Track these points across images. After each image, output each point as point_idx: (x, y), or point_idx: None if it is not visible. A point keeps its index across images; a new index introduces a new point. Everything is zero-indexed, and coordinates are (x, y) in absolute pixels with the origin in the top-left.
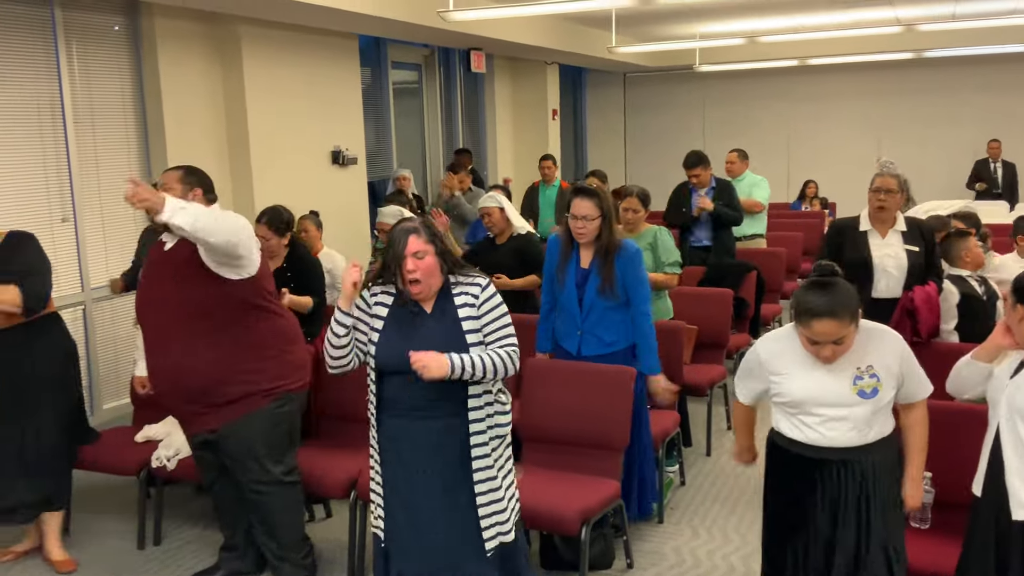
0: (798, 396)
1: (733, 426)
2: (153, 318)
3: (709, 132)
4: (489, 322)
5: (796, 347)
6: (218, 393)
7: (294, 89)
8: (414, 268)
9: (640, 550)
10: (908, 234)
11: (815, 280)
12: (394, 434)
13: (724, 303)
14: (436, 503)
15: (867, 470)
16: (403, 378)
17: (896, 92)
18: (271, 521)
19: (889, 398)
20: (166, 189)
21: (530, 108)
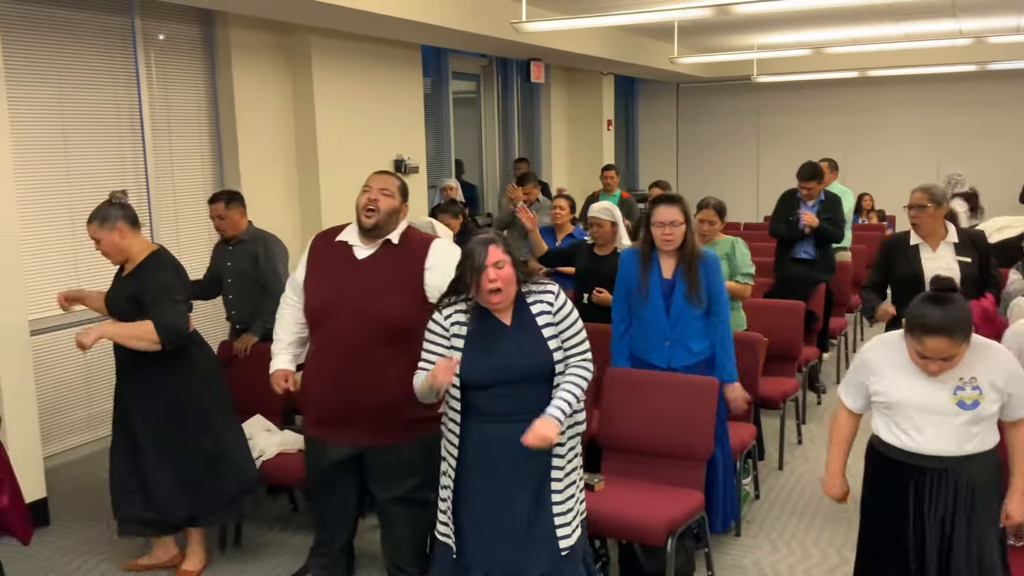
0: (895, 397)
1: (829, 437)
2: (338, 324)
3: (763, 143)
4: (566, 328)
5: (902, 352)
6: (394, 413)
7: (360, 99)
8: (496, 278)
9: (720, 563)
10: (960, 245)
11: (932, 295)
12: (480, 440)
13: (796, 315)
14: (515, 505)
15: (963, 482)
16: (489, 390)
17: (956, 104)
18: (402, 535)
19: (991, 412)
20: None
21: (585, 118)
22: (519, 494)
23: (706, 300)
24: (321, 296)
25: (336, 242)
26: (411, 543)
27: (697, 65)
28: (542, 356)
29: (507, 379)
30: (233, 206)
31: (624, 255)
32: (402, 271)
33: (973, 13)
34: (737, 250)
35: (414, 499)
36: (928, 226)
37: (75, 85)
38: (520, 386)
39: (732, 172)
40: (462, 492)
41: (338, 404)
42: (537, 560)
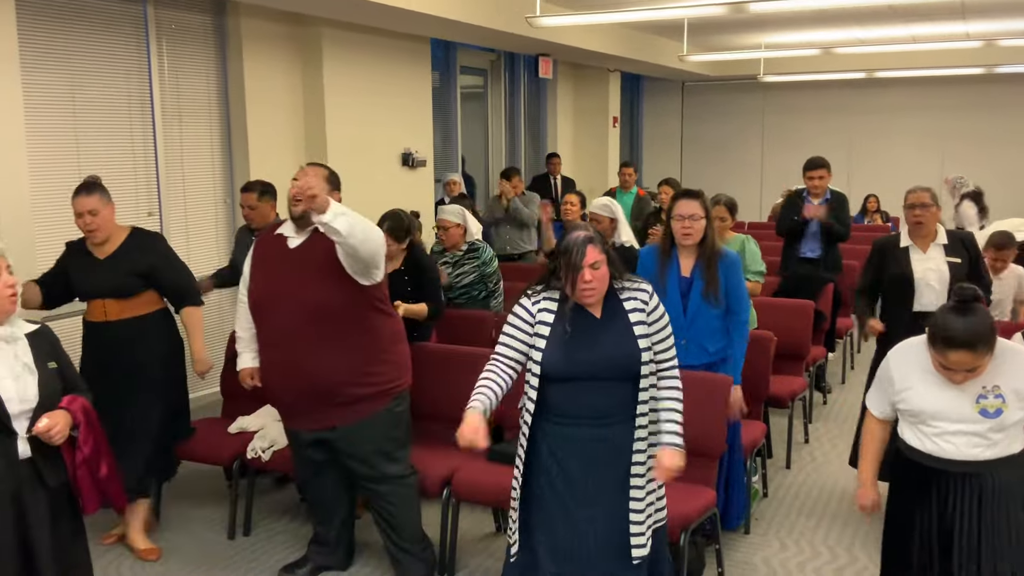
0: (918, 407)
1: (860, 447)
2: (276, 316)
3: (768, 142)
4: (658, 330)
5: (925, 359)
6: (343, 393)
7: (369, 91)
8: (591, 279)
9: (730, 560)
10: (949, 247)
11: (955, 305)
12: (555, 440)
13: (805, 315)
14: (586, 511)
15: (987, 487)
16: (573, 384)
17: (962, 107)
18: (391, 515)
19: (1015, 419)
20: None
21: (591, 115)
22: (588, 502)
23: (724, 300)
24: (258, 290)
25: (274, 236)
26: (404, 521)
27: (704, 64)
28: (631, 350)
29: (592, 373)
30: (266, 199)
31: (643, 252)
32: (326, 254)
33: (981, 15)
34: (748, 248)
35: (392, 476)
36: (930, 225)
37: (88, 72)
38: (604, 384)
39: (737, 171)
40: (530, 491)
41: (290, 393)
42: (601, 567)
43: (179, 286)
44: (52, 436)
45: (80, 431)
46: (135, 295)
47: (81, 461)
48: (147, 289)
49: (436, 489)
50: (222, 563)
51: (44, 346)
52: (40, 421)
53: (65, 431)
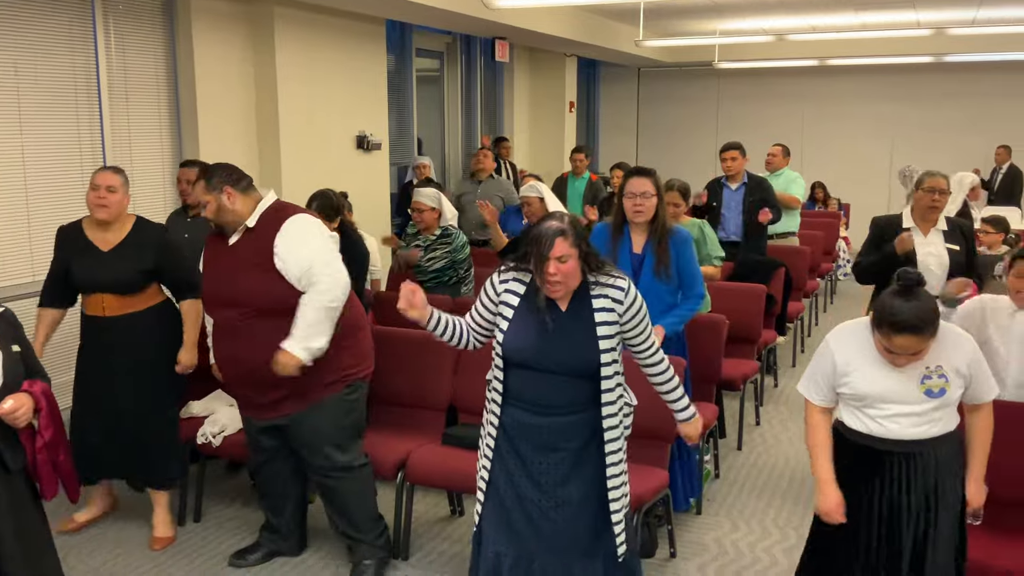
0: (863, 391)
1: (808, 447)
2: (223, 311)
3: (722, 128)
4: (635, 325)
5: (867, 343)
6: (294, 383)
7: (323, 73)
8: (555, 272)
9: (682, 540)
10: (949, 233)
11: (900, 289)
12: (513, 425)
13: (757, 299)
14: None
15: (930, 465)
16: (530, 372)
17: (912, 95)
18: (343, 505)
19: (956, 397)
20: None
21: (548, 100)
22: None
23: (675, 277)
24: (207, 287)
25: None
26: (356, 510)
27: (659, 49)
28: (588, 353)
29: (547, 367)
30: None
31: (596, 229)
32: (257, 252)
33: (931, 4)
34: (706, 233)
35: (343, 466)
36: (943, 210)
37: (31, 49)
38: (560, 377)
39: (691, 157)
40: (493, 474)
41: (239, 385)
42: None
43: (182, 279)
44: (17, 418)
45: (41, 416)
46: (138, 291)
47: (42, 446)
48: (151, 284)
49: (391, 473)
50: (172, 549)
51: (7, 329)
52: (4, 402)
53: (29, 413)
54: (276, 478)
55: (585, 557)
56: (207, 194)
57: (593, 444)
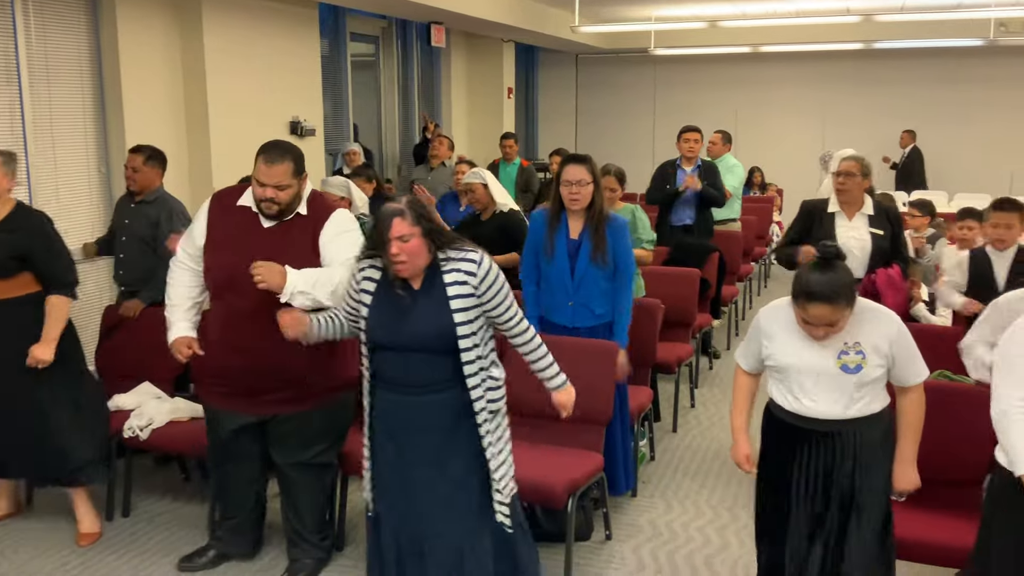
0: (783, 362)
1: (732, 401)
2: (244, 296)
3: (660, 115)
4: (492, 297)
5: (791, 316)
6: (297, 384)
7: (253, 57)
8: (398, 251)
9: (617, 522)
10: (875, 218)
11: (818, 261)
12: (387, 408)
13: (691, 283)
14: (425, 476)
15: (850, 445)
16: (396, 354)
17: (842, 81)
18: (301, 501)
19: (875, 376)
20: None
21: (486, 86)
22: (424, 463)
23: (612, 263)
24: (226, 265)
25: (239, 206)
26: (313, 509)
27: (596, 36)
28: (443, 327)
29: (407, 345)
30: (152, 164)
31: (535, 215)
32: (306, 238)
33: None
34: (638, 217)
35: (314, 464)
36: (854, 194)
37: None
38: (422, 355)
39: (630, 143)
40: (374, 456)
41: (243, 376)
42: (439, 530)
43: (55, 273)
44: None
45: None
46: (10, 277)
47: None
48: (23, 271)
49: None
50: (100, 545)
51: None
52: None
53: None
54: (239, 478)
55: (472, 535)
56: (293, 178)
57: (465, 421)
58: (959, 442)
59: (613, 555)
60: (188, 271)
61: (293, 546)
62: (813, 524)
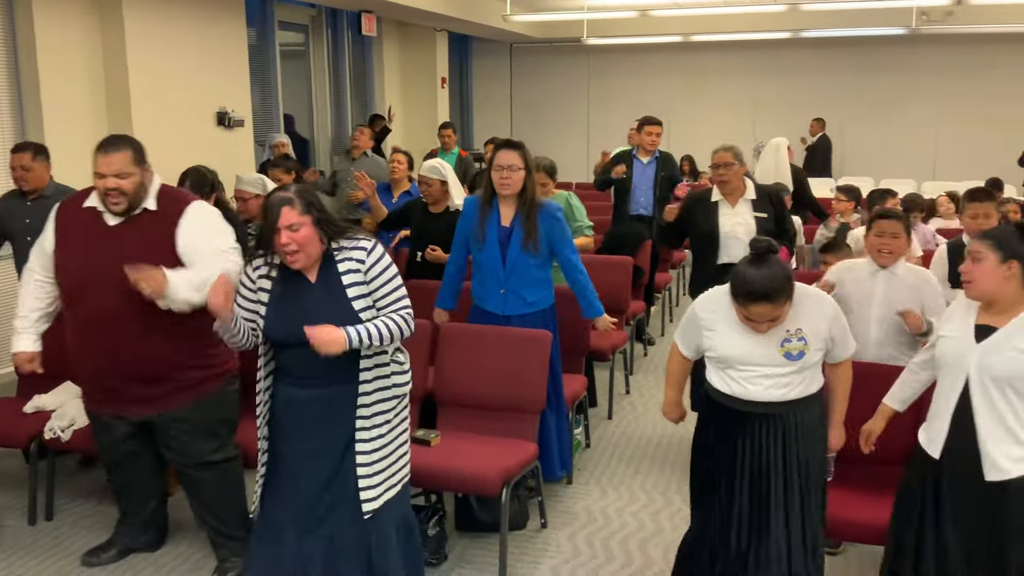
0: (726, 353)
1: (666, 376)
2: (97, 299)
3: (594, 105)
4: (379, 287)
5: (730, 308)
6: (174, 379)
7: (177, 46)
8: (288, 241)
9: (552, 510)
10: (757, 202)
11: (752, 258)
12: (289, 401)
13: (624, 270)
14: (323, 466)
15: (789, 426)
16: (297, 349)
17: (771, 71)
18: (209, 499)
19: (816, 360)
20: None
21: (419, 75)
22: (323, 457)
23: (544, 249)
24: (76, 270)
25: (84, 208)
26: (229, 506)
27: (529, 25)
28: (343, 317)
29: (305, 339)
30: (40, 159)
31: (467, 202)
32: (157, 235)
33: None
34: (573, 205)
35: (217, 461)
36: (734, 183)
37: None
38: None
39: (564, 133)
40: (274, 453)
41: (114, 380)
42: (339, 523)
43: None
44: None
45: None
46: None
47: None
48: None
49: (255, 461)
50: (23, 550)
51: None
52: None
53: None
54: (135, 475)
55: (378, 526)
56: (134, 166)
57: (368, 410)
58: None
59: (548, 543)
60: (39, 282)
61: (218, 547)
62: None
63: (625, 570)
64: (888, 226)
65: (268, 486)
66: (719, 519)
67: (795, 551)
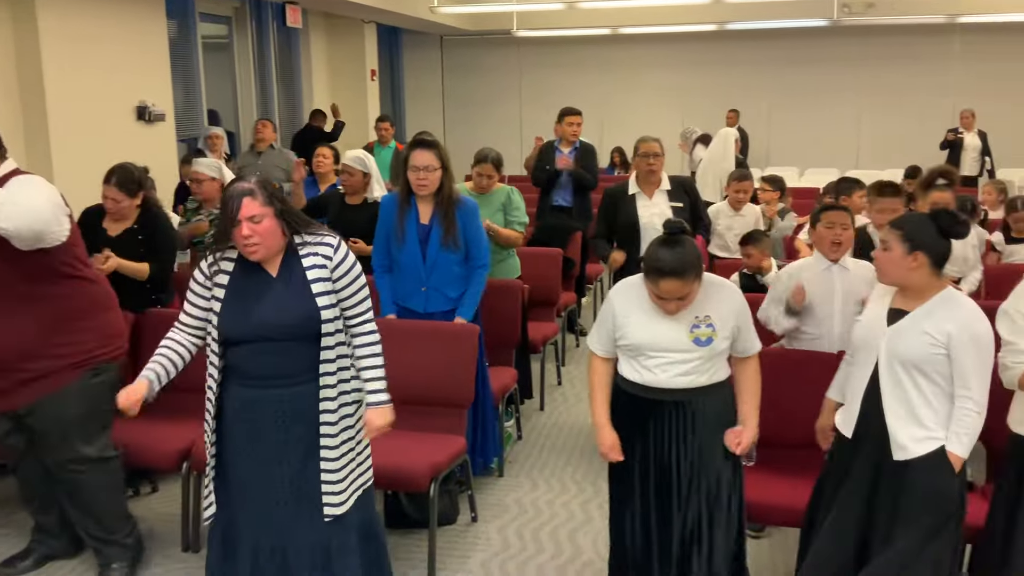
0: (637, 340)
1: (590, 393)
2: None
3: (526, 97)
4: (344, 287)
5: (643, 295)
6: (25, 369)
7: (94, 39)
8: (250, 233)
9: (483, 504)
10: (672, 192)
11: (664, 238)
12: (242, 404)
13: (554, 262)
14: (281, 473)
15: (698, 412)
16: (251, 347)
17: (699, 63)
18: (87, 501)
19: (723, 348)
20: None
21: (348, 67)
22: (280, 464)
23: (463, 246)
24: None
25: None
26: (107, 508)
27: (459, 16)
28: (307, 312)
29: (268, 335)
30: None
31: (384, 200)
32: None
33: None
34: (512, 199)
35: (91, 458)
36: (659, 173)
37: None
38: (283, 345)
39: (497, 126)
40: (224, 459)
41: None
42: (298, 531)
43: None
44: None
45: None
46: None
47: None
48: None
49: (174, 463)
50: None
51: None
52: None
53: None
54: (34, 475)
55: (337, 532)
56: None
57: (328, 412)
58: (797, 406)
59: (479, 537)
60: None
61: (99, 552)
62: (663, 495)
63: (554, 561)
64: (838, 217)
65: (219, 497)
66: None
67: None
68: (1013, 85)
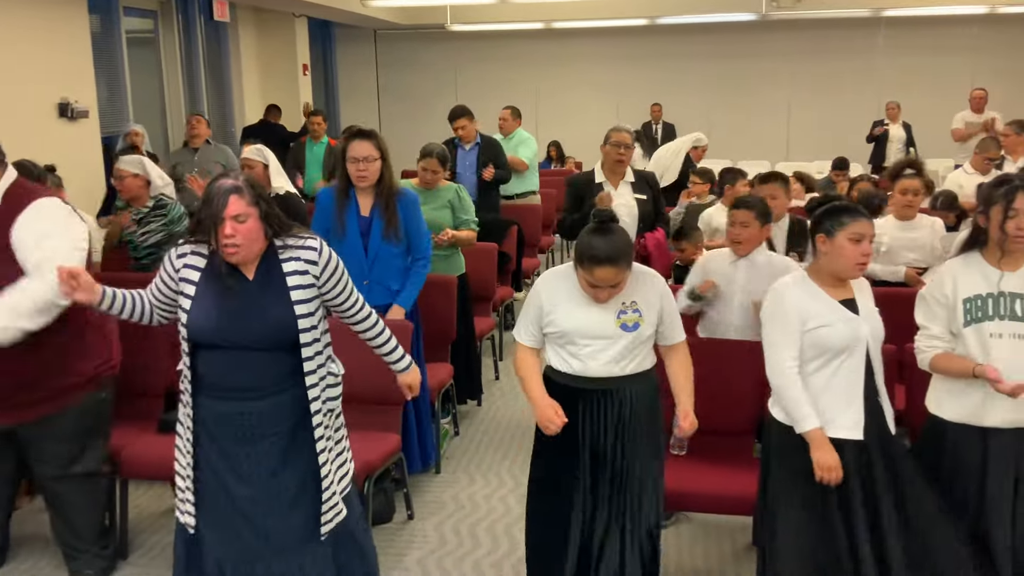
0: (565, 327)
1: (521, 378)
2: None
3: (462, 92)
4: (335, 284)
5: (572, 283)
6: (36, 388)
7: (12, 34)
8: (233, 233)
9: (420, 501)
10: (636, 184)
11: (596, 227)
12: (212, 416)
13: (489, 257)
14: (261, 492)
15: (624, 399)
16: (224, 353)
17: (632, 57)
18: (74, 513)
19: (649, 333)
20: None
21: (278, 63)
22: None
23: (404, 238)
24: None
25: None
26: (90, 522)
27: (391, 10)
28: (283, 321)
29: (238, 341)
30: None
31: (321, 193)
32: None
33: None
34: (462, 198)
35: (80, 474)
36: (628, 164)
37: None
38: (256, 354)
39: (434, 121)
40: (200, 473)
41: None
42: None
43: None
44: None
45: None
46: None
47: None
48: None
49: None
50: None
51: None
52: None
53: None
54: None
55: (311, 543)
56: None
57: (305, 424)
58: (727, 394)
59: (415, 534)
60: None
61: (72, 559)
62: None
63: (491, 556)
64: (739, 215)
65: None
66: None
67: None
68: (936, 78)
